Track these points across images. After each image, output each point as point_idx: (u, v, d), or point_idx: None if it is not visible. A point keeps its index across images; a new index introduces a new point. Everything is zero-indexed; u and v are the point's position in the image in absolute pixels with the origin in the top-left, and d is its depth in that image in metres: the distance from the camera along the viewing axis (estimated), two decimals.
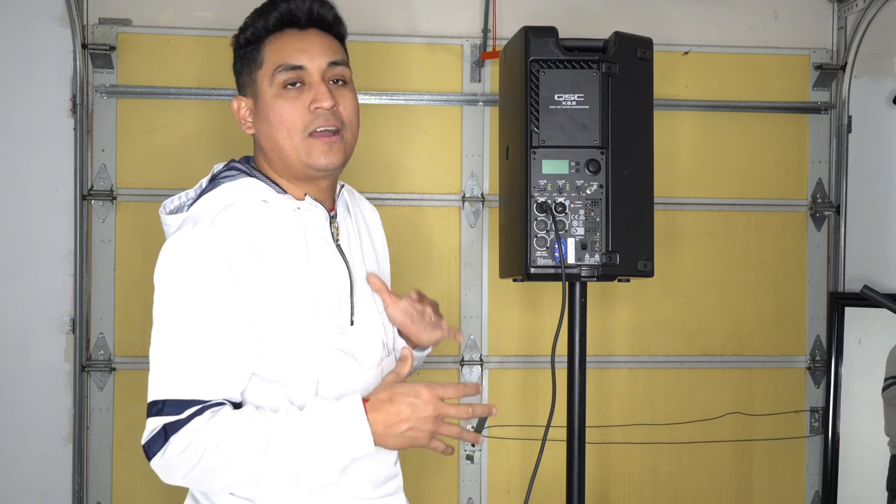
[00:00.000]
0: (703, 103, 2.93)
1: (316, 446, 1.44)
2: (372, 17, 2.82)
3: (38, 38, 2.70)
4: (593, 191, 2.18)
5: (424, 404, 1.53)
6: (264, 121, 1.58)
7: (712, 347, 2.96)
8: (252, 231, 1.50)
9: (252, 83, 1.61)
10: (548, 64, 2.18)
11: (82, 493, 2.72)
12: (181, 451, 1.41)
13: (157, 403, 1.43)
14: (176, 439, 1.41)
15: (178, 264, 1.47)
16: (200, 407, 1.42)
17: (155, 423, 1.43)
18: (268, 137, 1.59)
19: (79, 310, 2.70)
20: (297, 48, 1.59)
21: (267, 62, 1.59)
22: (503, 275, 2.43)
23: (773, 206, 2.97)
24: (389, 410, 1.50)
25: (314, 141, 1.58)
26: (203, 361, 1.44)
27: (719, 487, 2.96)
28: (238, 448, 1.42)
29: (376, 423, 1.48)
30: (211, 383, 1.45)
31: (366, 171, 2.81)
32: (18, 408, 2.70)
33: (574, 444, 2.27)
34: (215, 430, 1.42)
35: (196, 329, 1.44)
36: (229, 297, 1.45)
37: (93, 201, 2.72)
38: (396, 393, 1.52)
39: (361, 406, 1.47)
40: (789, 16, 2.98)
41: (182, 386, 1.43)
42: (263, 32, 1.60)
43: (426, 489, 2.85)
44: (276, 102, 1.57)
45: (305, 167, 1.58)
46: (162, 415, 1.42)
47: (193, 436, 1.41)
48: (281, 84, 1.57)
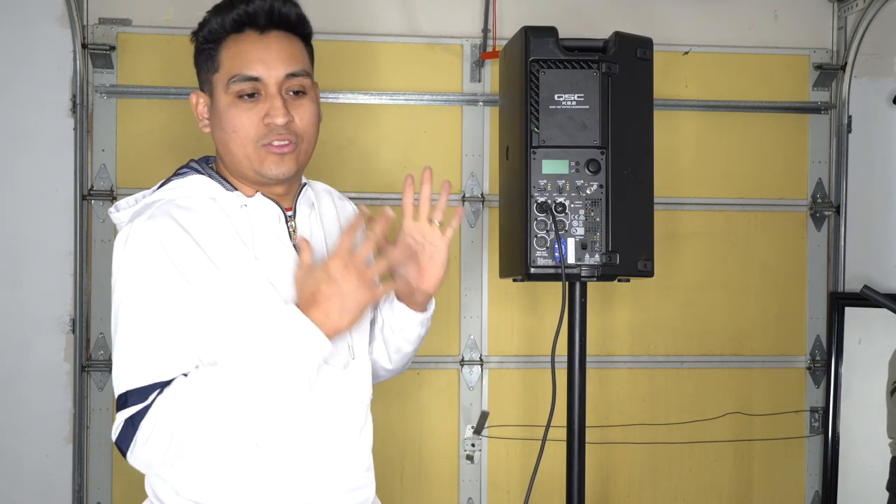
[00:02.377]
0: (704, 103, 2.93)
1: (277, 367, 1.42)
2: (372, 17, 2.82)
3: (38, 38, 2.70)
4: (593, 191, 2.18)
5: (337, 270, 1.46)
6: (218, 125, 1.57)
7: (712, 347, 2.96)
8: (192, 224, 1.50)
9: (209, 84, 1.58)
10: (548, 64, 2.18)
11: (82, 493, 2.72)
12: (150, 433, 1.41)
13: (121, 397, 1.43)
14: (143, 424, 1.41)
15: (120, 258, 1.50)
16: (161, 388, 1.42)
17: (121, 417, 1.43)
18: (221, 141, 1.58)
19: (79, 310, 2.70)
20: (254, 57, 1.54)
21: (223, 68, 1.55)
22: (503, 275, 2.43)
23: (773, 206, 2.97)
24: (317, 300, 1.45)
25: (266, 151, 1.55)
26: (155, 343, 1.44)
27: (719, 487, 2.96)
28: (204, 402, 1.41)
29: (316, 318, 1.44)
30: (166, 363, 1.44)
31: (366, 171, 2.81)
32: (18, 408, 2.71)
33: (574, 444, 2.27)
34: (173, 398, 1.41)
35: (143, 314, 1.45)
36: (169, 279, 1.45)
37: (93, 201, 2.72)
38: (308, 283, 1.48)
39: (298, 311, 1.44)
40: (789, 16, 2.98)
41: (140, 373, 1.43)
42: (221, 32, 1.56)
43: (426, 489, 2.85)
44: (229, 111, 1.54)
45: (257, 175, 1.57)
46: (127, 406, 1.42)
47: (156, 413, 1.41)
48: (236, 94, 1.54)
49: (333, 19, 2.79)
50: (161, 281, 1.46)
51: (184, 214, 1.51)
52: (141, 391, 1.42)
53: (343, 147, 2.80)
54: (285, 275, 1.55)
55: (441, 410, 2.85)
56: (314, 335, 1.44)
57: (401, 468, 2.84)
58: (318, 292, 1.46)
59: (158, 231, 1.47)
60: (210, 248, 1.49)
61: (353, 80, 2.80)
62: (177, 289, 1.46)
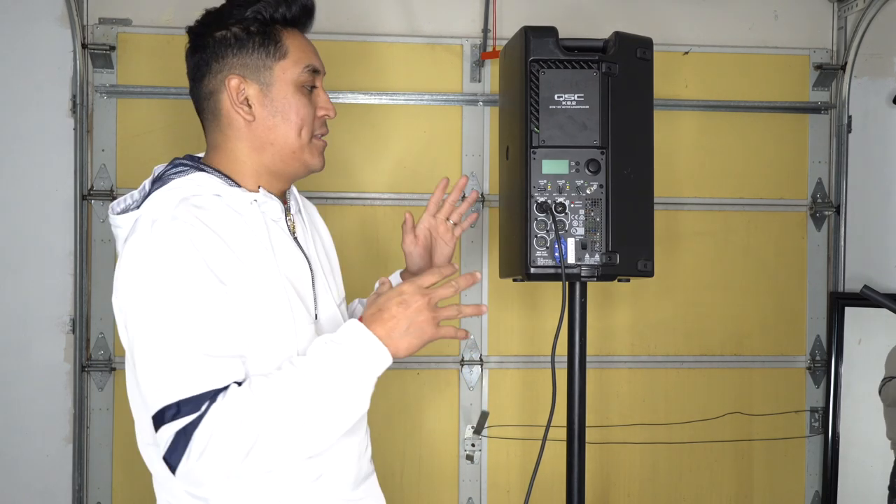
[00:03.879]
0: (704, 103, 2.93)
1: (338, 380, 1.40)
2: (372, 18, 2.82)
3: (38, 38, 2.70)
4: (593, 191, 2.18)
5: (411, 297, 1.48)
6: (276, 114, 1.55)
7: (712, 347, 2.96)
8: (214, 222, 1.45)
9: (266, 71, 1.54)
10: (548, 64, 2.18)
11: (82, 493, 2.72)
12: (206, 445, 1.34)
13: (170, 408, 1.35)
14: (197, 435, 1.33)
15: (151, 263, 1.40)
16: (213, 395, 1.36)
17: (170, 430, 1.35)
18: (273, 129, 1.55)
19: (79, 310, 2.70)
20: (313, 51, 1.59)
21: (291, 56, 1.55)
22: (503, 275, 2.43)
23: (773, 205, 2.97)
24: (383, 317, 1.46)
25: (317, 143, 1.60)
26: (202, 350, 1.38)
27: (719, 487, 2.96)
28: (266, 413, 1.36)
29: (379, 334, 1.44)
30: (217, 370, 1.38)
31: (366, 171, 2.81)
32: (18, 408, 2.71)
33: (574, 444, 2.27)
34: (232, 408, 1.35)
35: (185, 320, 1.38)
36: (207, 282, 1.40)
37: (93, 201, 2.72)
38: (382, 302, 1.49)
39: (362, 325, 1.45)
40: (789, 16, 2.98)
41: (191, 381, 1.36)
42: (281, 21, 1.56)
43: (426, 489, 2.85)
44: (296, 99, 1.55)
45: (299, 166, 1.59)
46: (179, 417, 1.34)
47: (212, 424, 1.34)
48: (303, 83, 1.56)
49: (334, 19, 2.79)
50: (200, 284, 1.39)
51: (205, 214, 1.45)
52: (193, 400, 1.35)
53: (343, 147, 2.80)
54: (297, 270, 1.56)
55: (441, 410, 2.85)
56: (379, 351, 1.44)
57: (401, 468, 2.84)
58: (387, 310, 1.46)
59: (188, 232, 1.41)
60: (237, 247, 1.46)
61: (354, 80, 2.80)
62: (216, 291, 1.41)
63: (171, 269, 1.39)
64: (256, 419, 1.36)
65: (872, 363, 2.91)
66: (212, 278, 1.40)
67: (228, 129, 1.57)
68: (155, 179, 1.55)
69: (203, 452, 1.34)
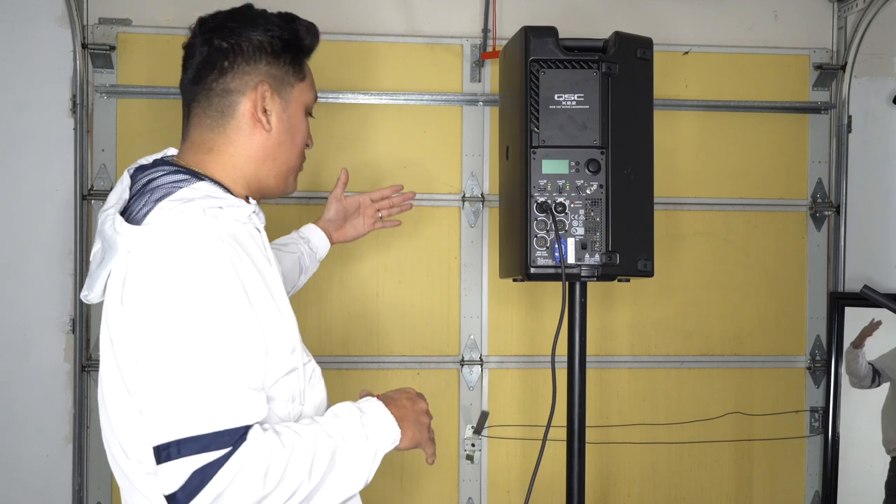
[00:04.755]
0: (703, 103, 2.93)
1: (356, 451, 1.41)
2: (372, 17, 2.82)
3: (38, 38, 2.70)
4: (593, 191, 2.18)
5: (418, 399, 1.58)
6: (287, 132, 1.55)
7: (712, 347, 2.96)
8: (241, 239, 1.41)
9: (289, 87, 1.55)
10: (548, 64, 2.18)
11: (82, 493, 2.72)
12: (226, 489, 1.26)
13: (201, 439, 1.25)
14: (222, 475, 1.25)
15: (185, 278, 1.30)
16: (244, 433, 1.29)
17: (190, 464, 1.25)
18: (280, 145, 1.54)
19: (79, 310, 2.70)
20: None
21: (308, 81, 1.60)
22: (503, 275, 2.43)
23: (773, 205, 2.97)
24: (397, 404, 1.52)
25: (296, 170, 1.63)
26: (239, 382, 1.30)
27: (719, 487, 2.96)
28: (286, 470, 1.31)
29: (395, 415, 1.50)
30: (250, 405, 1.31)
31: (366, 171, 2.81)
32: (18, 408, 2.71)
33: (574, 444, 2.27)
34: (260, 456, 1.29)
35: (224, 348, 1.30)
36: (245, 309, 1.34)
37: (93, 201, 2.72)
38: (391, 393, 1.55)
39: (381, 403, 1.50)
40: (789, 16, 2.98)
41: (227, 414, 1.28)
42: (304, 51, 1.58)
43: (426, 489, 2.85)
44: (303, 123, 1.59)
45: (283, 186, 1.60)
46: (209, 450, 1.25)
47: (241, 468, 1.27)
48: (310, 109, 1.61)
49: (334, 19, 2.80)
50: (239, 310, 1.32)
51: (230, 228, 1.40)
52: (228, 434, 1.27)
53: (343, 147, 2.80)
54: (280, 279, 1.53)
55: (441, 410, 2.85)
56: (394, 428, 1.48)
57: (401, 468, 2.84)
58: (399, 400, 1.54)
59: (229, 254, 1.34)
60: (260, 266, 1.42)
61: (354, 80, 2.80)
62: (251, 318, 1.34)
63: (211, 291, 1.31)
64: (280, 470, 1.31)
65: None
66: (248, 304, 1.34)
67: (236, 133, 1.51)
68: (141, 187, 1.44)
69: (224, 492, 1.26)
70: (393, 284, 2.84)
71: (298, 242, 2.13)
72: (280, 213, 2.70)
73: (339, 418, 1.43)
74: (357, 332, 2.82)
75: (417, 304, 2.84)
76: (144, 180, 1.44)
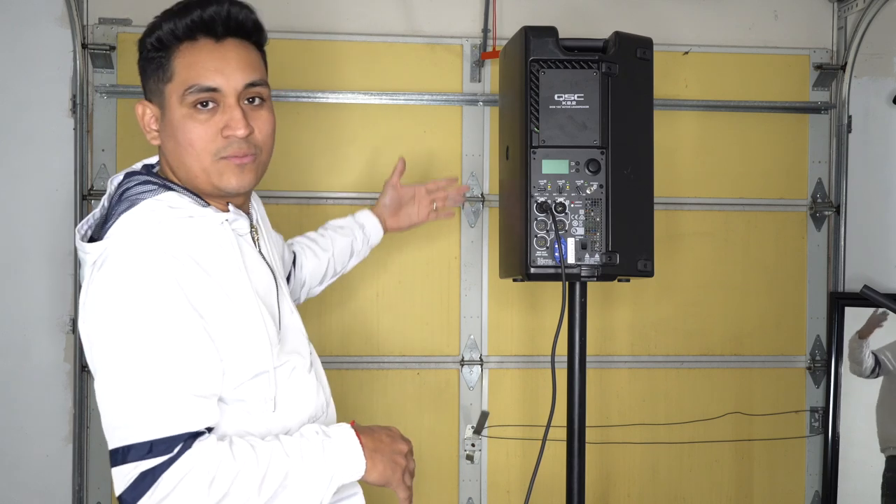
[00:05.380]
0: (703, 103, 2.93)
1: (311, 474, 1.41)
2: (372, 17, 2.82)
3: (38, 38, 2.70)
4: (593, 191, 2.18)
5: (399, 439, 1.55)
6: (171, 138, 1.49)
7: (712, 347, 2.96)
8: (192, 248, 1.41)
9: (159, 94, 1.50)
10: (548, 64, 2.18)
11: (82, 493, 2.72)
12: (170, 492, 1.30)
13: (138, 447, 1.31)
14: (166, 478, 1.30)
15: (129, 293, 1.34)
16: (187, 439, 1.33)
17: (137, 468, 1.31)
18: (175, 155, 1.50)
19: (79, 310, 2.69)
20: (211, 67, 1.47)
21: (177, 77, 1.47)
22: (503, 275, 2.43)
23: (772, 205, 2.97)
24: (373, 436, 1.51)
25: (225, 164, 1.49)
26: (181, 391, 1.34)
27: (719, 487, 2.96)
28: (234, 482, 1.34)
29: (365, 445, 1.47)
30: (194, 413, 1.35)
31: (365, 170, 2.81)
32: (18, 408, 2.71)
33: (574, 444, 2.27)
34: (207, 464, 1.33)
35: (164, 358, 1.33)
36: (189, 322, 1.36)
37: (93, 201, 2.72)
38: (374, 427, 1.53)
39: (353, 432, 1.47)
40: (789, 16, 2.98)
41: (167, 421, 1.32)
42: (172, 39, 1.48)
43: (426, 489, 2.85)
44: (185, 123, 1.47)
45: (216, 189, 1.51)
46: (150, 456, 1.31)
47: (185, 474, 1.31)
48: (191, 104, 1.47)
49: (334, 19, 2.79)
50: (183, 323, 1.35)
51: (182, 239, 1.41)
52: (167, 441, 1.32)
53: (343, 147, 2.80)
54: (265, 285, 1.54)
55: (441, 410, 2.85)
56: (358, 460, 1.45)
57: None
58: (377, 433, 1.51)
59: (172, 267, 1.36)
60: (216, 274, 1.42)
61: (354, 80, 2.80)
62: (197, 329, 1.37)
63: (152, 305, 1.34)
64: (226, 484, 1.33)
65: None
66: (194, 316, 1.36)
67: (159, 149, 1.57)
68: (117, 198, 1.49)
69: (166, 497, 1.30)
70: (393, 284, 2.84)
71: (354, 227, 2.20)
72: (280, 213, 2.70)
73: (302, 438, 1.44)
74: (357, 332, 2.82)
75: (417, 304, 2.84)
76: (121, 190, 1.50)
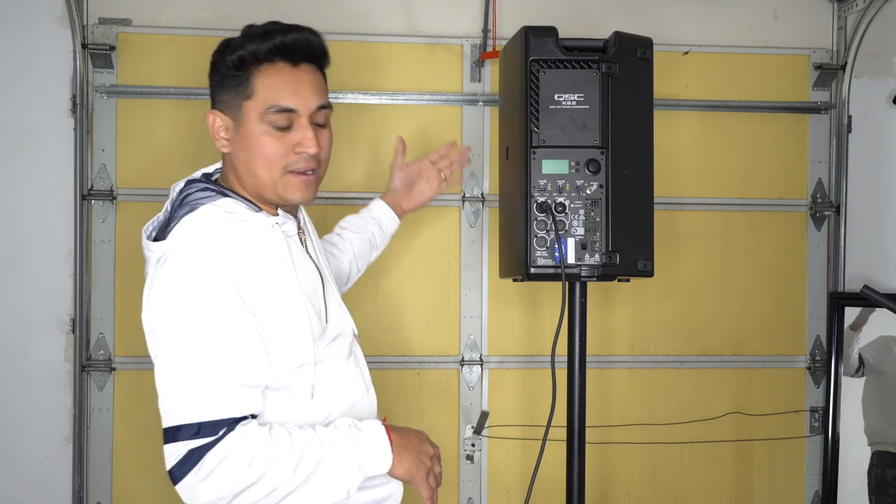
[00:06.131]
0: (703, 103, 2.93)
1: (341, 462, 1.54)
2: (372, 17, 2.82)
3: (38, 38, 2.70)
4: (593, 191, 2.18)
5: (428, 442, 1.68)
6: (245, 149, 1.63)
7: (712, 347, 2.96)
8: (246, 250, 1.56)
9: (236, 108, 1.63)
10: (548, 64, 2.18)
11: (82, 493, 2.72)
12: (213, 469, 1.46)
13: (188, 427, 1.47)
14: (210, 457, 1.46)
15: (188, 290, 1.50)
16: (231, 423, 1.48)
17: (184, 446, 1.46)
18: (245, 164, 1.64)
19: (79, 310, 2.70)
20: (290, 89, 1.62)
21: (258, 96, 1.61)
22: (503, 275, 2.43)
23: (773, 206, 2.97)
24: (402, 434, 1.64)
25: (292, 178, 1.65)
26: (229, 380, 1.50)
27: (719, 487, 2.96)
28: (271, 464, 1.49)
29: (393, 440, 1.61)
30: (240, 400, 1.51)
31: (366, 171, 2.81)
32: (18, 408, 2.70)
33: (574, 444, 2.27)
34: (248, 447, 1.48)
35: (217, 350, 1.49)
36: (241, 318, 1.51)
37: (93, 201, 2.72)
38: (405, 427, 1.67)
39: (382, 427, 1.61)
40: (789, 16, 2.98)
41: (214, 406, 1.48)
42: (254, 61, 1.61)
43: None
44: (262, 138, 1.61)
45: (280, 199, 1.66)
46: (198, 437, 1.46)
47: (224, 451, 1.46)
48: (270, 123, 1.61)
49: (334, 19, 2.79)
50: (235, 318, 1.50)
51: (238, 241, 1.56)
52: (213, 424, 1.47)
53: (343, 147, 2.80)
54: (312, 284, 1.67)
55: (441, 410, 2.85)
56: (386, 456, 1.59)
57: None
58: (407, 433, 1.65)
59: (227, 267, 1.51)
60: (269, 275, 1.57)
61: (354, 80, 2.80)
62: (248, 324, 1.52)
63: (208, 301, 1.50)
64: (264, 465, 1.48)
65: None
66: (245, 313, 1.52)
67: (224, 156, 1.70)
68: (179, 203, 1.63)
69: (209, 474, 1.46)
70: (393, 284, 2.84)
71: (369, 223, 2.26)
72: None
73: (336, 430, 1.58)
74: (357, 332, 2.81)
75: (417, 303, 2.84)
76: (183, 196, 1.63)
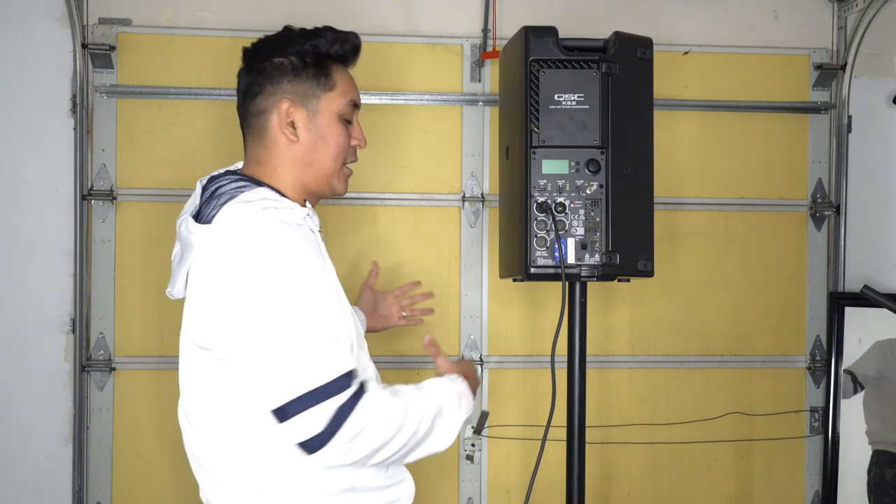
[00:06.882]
0: (703, 103, 2.93)
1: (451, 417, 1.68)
2: (372, 17, 2.82)
3: (38, 38, 2.70)
4: (593, 191, 2.19)
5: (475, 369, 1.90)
6: (319, 138, 1.72)
7: (712, 347, 2.96)
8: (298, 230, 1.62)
9: (314, 99, 1.72)
10: (548, 64, 2.18)
11: (82, 493, 2.72)
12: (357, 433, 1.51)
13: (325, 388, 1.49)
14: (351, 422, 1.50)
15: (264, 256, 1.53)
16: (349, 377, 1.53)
17: (329, 406, 1.49)
18: (313, 152, 1.72)
19: (79, 310, 2.70)
20: (356, 87, 1.81)
21: (339, 89, 1.75)
22: (503, 275, 2.43)
23: (773, 206, 2.97)
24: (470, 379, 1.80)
25: (345, 170, 1.79)
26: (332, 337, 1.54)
27: (719, 487, 2.96)
28: (403, 420, 1.58)
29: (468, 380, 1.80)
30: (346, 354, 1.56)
31: (366, 171, 2.81)
32: (18, 408, 2.71)
33: (574, 444, 2.27)
34: (384, 405, 1.55)
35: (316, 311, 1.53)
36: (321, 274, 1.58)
37: (93, 201, 2.72)
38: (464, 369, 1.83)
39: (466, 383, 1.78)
40: (789, 16, 2.98)
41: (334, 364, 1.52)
42: (333, 58, 1.75)
43: (426, 489, 2.84)
44: (338, 127, 1.74)
45: (328, 189, 1.76)
46: (333, 395, 1.49)
47: (368, 413, 1.52)
48: (345, 115, 1.76)
49: (333, 19, 2.78)
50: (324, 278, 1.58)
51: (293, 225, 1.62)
52: (343, 378, 1.51)
53: None
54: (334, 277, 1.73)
55: None
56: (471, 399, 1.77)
57: None
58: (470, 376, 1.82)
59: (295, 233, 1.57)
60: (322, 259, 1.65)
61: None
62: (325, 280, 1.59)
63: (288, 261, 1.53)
64: (399, 422, 1.57)
65: None
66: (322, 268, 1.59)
67: (273, 146, 1.72)
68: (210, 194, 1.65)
69: (354, 438, 1.51)
70: (393, 284, 2.83)
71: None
72: None
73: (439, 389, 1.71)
74: None
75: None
76: (213, 188, 1.66)
